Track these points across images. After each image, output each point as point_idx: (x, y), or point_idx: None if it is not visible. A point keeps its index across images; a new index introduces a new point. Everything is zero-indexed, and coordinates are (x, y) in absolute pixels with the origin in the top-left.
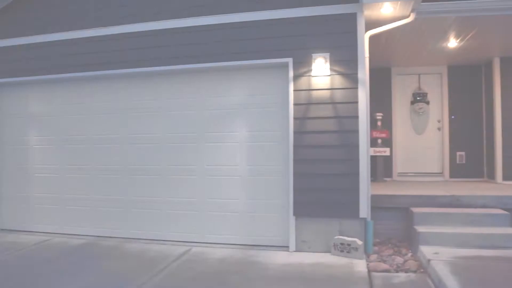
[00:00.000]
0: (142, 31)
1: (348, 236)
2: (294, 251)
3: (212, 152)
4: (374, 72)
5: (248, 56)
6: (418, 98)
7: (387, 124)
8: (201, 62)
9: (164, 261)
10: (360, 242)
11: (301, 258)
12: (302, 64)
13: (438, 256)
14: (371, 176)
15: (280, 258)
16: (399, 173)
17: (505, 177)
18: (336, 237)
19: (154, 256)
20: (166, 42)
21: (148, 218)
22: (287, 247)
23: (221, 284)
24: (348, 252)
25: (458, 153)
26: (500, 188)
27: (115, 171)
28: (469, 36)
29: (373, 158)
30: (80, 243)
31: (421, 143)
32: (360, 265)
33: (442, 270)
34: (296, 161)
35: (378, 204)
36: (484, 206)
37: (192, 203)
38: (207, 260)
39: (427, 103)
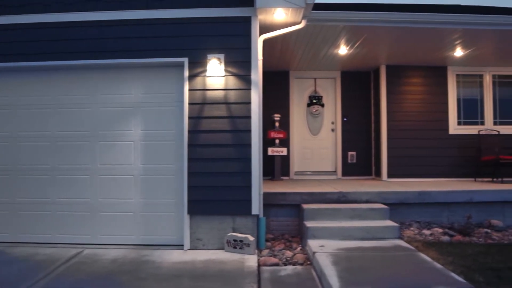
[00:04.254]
0: (34, 23)
1: (241, 233)
2: (189, 249)
3: (106, 151)
4: (273, 74)
5: (144, 54)
6: (314, 100)
7: (285, 125)
8: (96, 58)
9: (53, 265)
10: (252, 238)
11: (195, 255)
12: (198, 64)
13: (323, 248)
14: (269, 175)
15: (174, 256)
16: (296, 172)
17: (389, 175)
18: (229, 234)
19: (42, 260)
20: (59, 36)
21: (37, 221)
22: (182, 245)
23: (110, 284)
24: (240, 248)
25: (349, 153)
26: (383, 185)
27: (1, 171)
28: (357, 44)
29: (271, 158)
30: None
31: (316, 143)
32: (251, 260)
33: (324, 261)
34: (190, 160)
35: (273, 201)
36: (367, 201)
37: (84, 204)
38: (99, 261)
39: (322, 105)
